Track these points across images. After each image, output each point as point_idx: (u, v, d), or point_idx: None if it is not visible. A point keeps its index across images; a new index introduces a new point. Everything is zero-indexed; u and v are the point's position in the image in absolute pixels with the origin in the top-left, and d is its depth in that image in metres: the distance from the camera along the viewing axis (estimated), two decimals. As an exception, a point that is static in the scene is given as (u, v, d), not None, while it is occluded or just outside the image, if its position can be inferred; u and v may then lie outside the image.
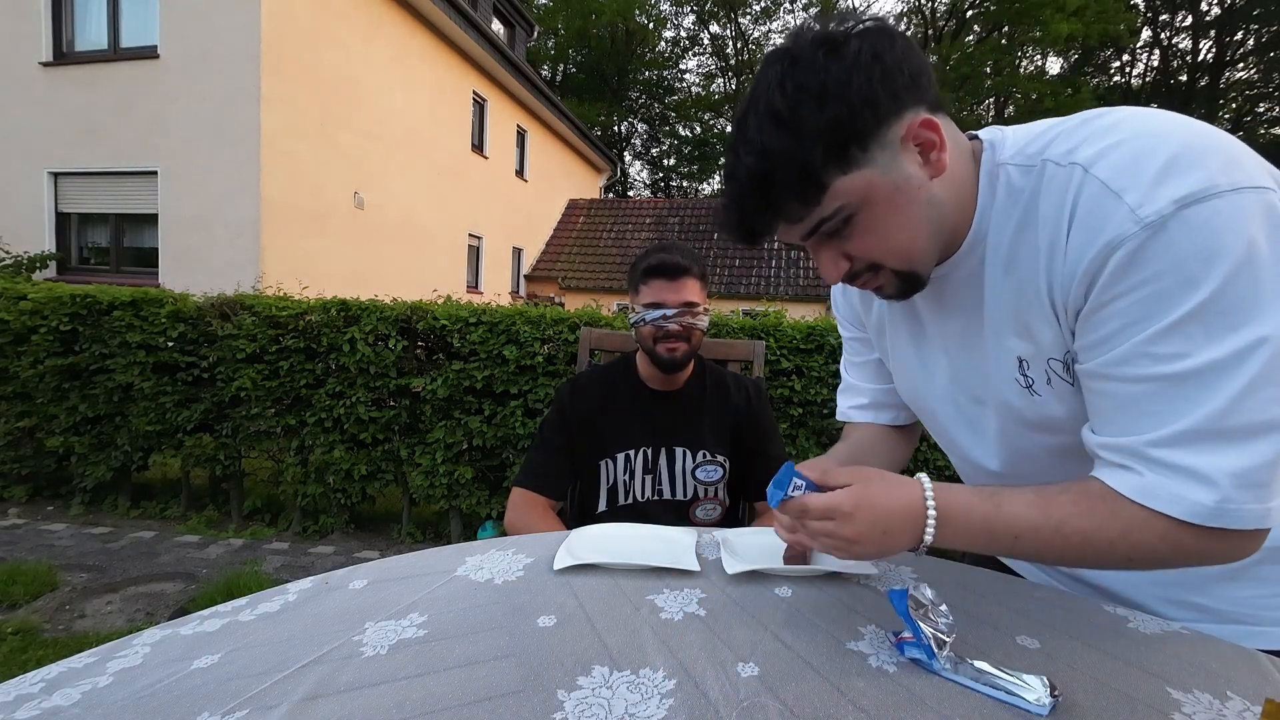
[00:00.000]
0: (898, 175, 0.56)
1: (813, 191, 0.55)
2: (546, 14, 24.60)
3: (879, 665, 0.53)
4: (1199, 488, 0.48)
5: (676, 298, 1.21)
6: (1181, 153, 0.48)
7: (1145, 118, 0.52)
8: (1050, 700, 0.47)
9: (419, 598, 0.65)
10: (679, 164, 29.64)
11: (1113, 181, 0.50)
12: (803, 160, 0.54)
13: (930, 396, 0.75)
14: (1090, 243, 0.51)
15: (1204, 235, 0.46)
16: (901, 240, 0.59)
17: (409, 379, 2.89)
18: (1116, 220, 0.49)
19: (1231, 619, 0.64)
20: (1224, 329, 0.47)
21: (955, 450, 0.78)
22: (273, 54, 6.14)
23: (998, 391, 0.65)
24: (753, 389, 1.35)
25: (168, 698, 0.48)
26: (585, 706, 0.46)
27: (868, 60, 0.52)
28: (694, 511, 1.26)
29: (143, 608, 2.26)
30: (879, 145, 0.55)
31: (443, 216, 9.49)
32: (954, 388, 0.71)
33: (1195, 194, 0.47)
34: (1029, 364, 0.61)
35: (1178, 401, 0.49)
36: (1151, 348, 0.49)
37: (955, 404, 0.72)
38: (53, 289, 3.15)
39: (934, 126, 0.56)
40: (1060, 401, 0.60)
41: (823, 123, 0.53)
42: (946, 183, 0.58)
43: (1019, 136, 0.60)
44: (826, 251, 0.61)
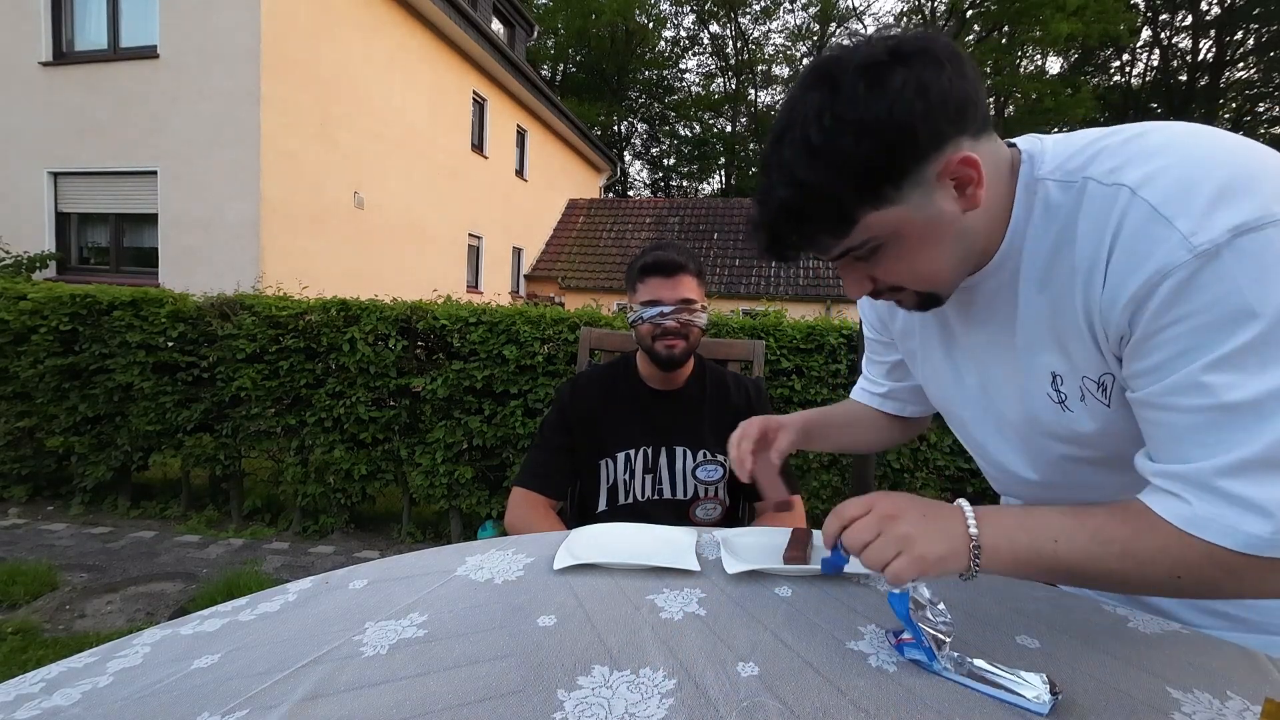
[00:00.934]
0: (931, 211, 0.55)
1: (843, 226, 0.56)
2: (546, 14, 24.59)
3: (879, 665, 0.53)
4: (1255, 519, 0.47)
5: (673, 295, 1.21)
6: (1235, 178, 0.47)
7: (1197, 139, 0.51)
8: (1050, 698, 0.47)
9: (419, 598, 0.65)
10: (679, 164, 29.65)
11: (1163, 206, 0.49)
12: (835, 196, 0.54)
13: (960, 403, 0.75)
14: (1137, 269, 0.50)
15: (1259, 265, 0.46)
16: (928, 270, 0.59)
17: (409, 379, 2.89)
18: (1168, 247, 0.48)
19: (1257, 628, 0.63)
20: (1278, 359, 0.46)
21: (986, 456, 0.77)
22: (273, 54, 6.13)
23: (1029, 405, 0.65)
24: (753, 389, 1.35)
25: (168, 698, 0.48)
26: (585, 706, 0.46)
27: (911, 95, 0.51)
28: (694, 511, 1.26)
29: (143, 608, 2.26)
30: (913, 184, 0.54)
31: (443, 216, 9.49)
32: (984, 396, 0.70)
33: (1250, 222, 0.46)
34: (1063, 380, 0.60)
35: (1232, 431, 0.48)
36: (1205, 377, 0.48)
37: (985, 411, 0.72)
38: (53, 289, 3.15)
39: (974, 164, 0.54)
40: (1093, 419, 0.60)
41: (858, 161, 0.52)
42: (980, 212, 0.57)
43: (1059, 150, 0.58)
44: (854, 272, 0.62)
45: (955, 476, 2.66)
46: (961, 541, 0.54)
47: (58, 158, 6.69)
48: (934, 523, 0.55)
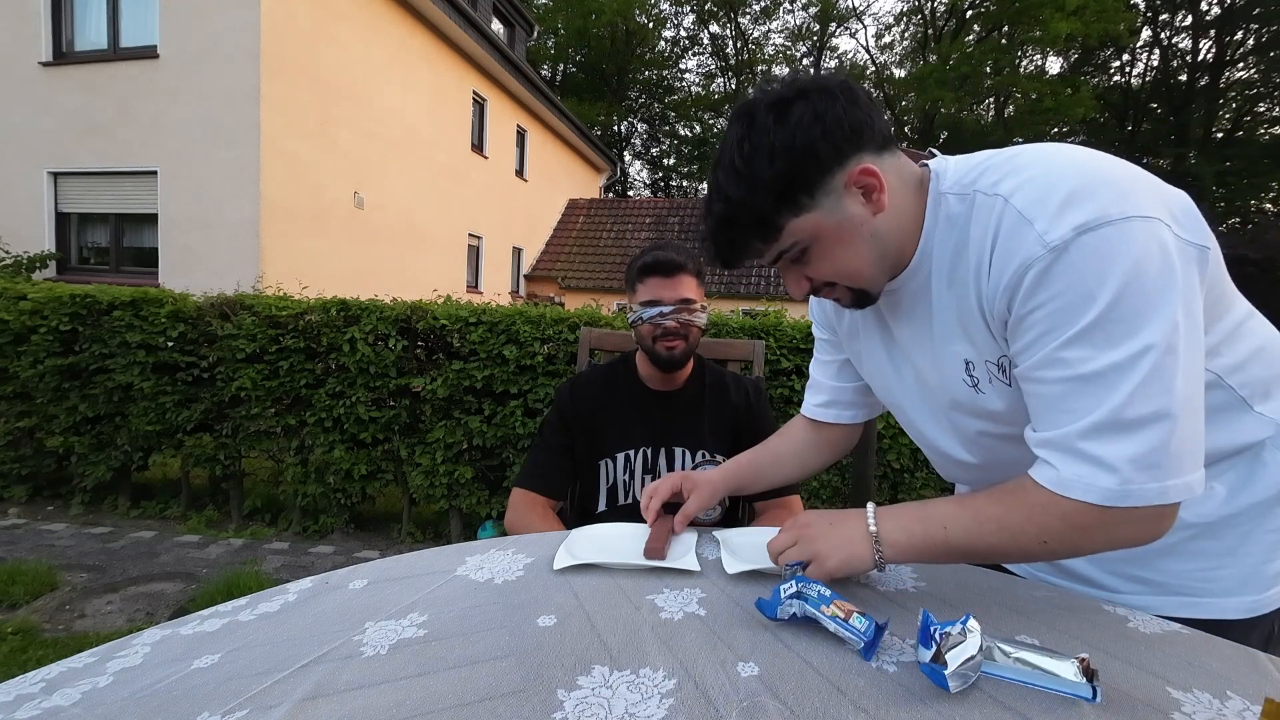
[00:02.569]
0: (842, 216, 0.65)
1: (770, 232, 0.66)
2: (546, 14, 24.59)
3: (879, 665, 0.53)
4: (1103, 474, 0.55)
5: (673, 295, 1.21)
6: (1080, 187, 0.57)
7: (1057, 155, 0.62)
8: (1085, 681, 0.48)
9: (419, 598, 0.65)
10: (679, 164, 29.64)
11: (1026, 210, 0.58)
12: (758, 208, 0.65)
13: (900, 393, 0.82)
14: (1009, 262, 0.59)
15: (1098, 257, 0.55)
16: (850, 266, 0.69)
17: (409, 379, 2.89)
18: (1029, 244, 0.57)
19: (1173, 591, 0.70)
20: (1120, 336, 0.55)
21: (925, 441, 0.84)
22: (273, 54, 6.13)
23: (950, 389, 0.73)
24: (752, 389, 1.35)
25: (168, 698, 0.48)
26: (585, 706, 0.46)
27: (808, 122, 0.62)
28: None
29: (143, 608, 2.26)
30: (824, 192, 0.64)
31: (443, 216, 9.49)
32: (918, 385, 0.79)
33: (1090, 222, 0.55)
34: (973, 365, 0.69)
35: (1085, 398, 0.56)
36: (1063, 353, 0.57)
37: (921, 399, 0.80)
38: (53, 289, 3.15)
39: (873, 173, 0.64)
40: (1000, 398, 0.68)
41: (772, 177, 0.63)
42: (889, 216, 0.67)
43: (959, 167, 0.68)
44: (791, 273, 0.72)
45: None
46: (863, 541, 0.65)
47: (58, 158, 6.69)
48: (839, 529, 0.67)
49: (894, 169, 0.67)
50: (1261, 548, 0.68)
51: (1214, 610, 0.68)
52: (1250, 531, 0.68)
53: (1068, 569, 0.77)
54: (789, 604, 0.59)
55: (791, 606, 0.59)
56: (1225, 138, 18.81)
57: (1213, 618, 0.67)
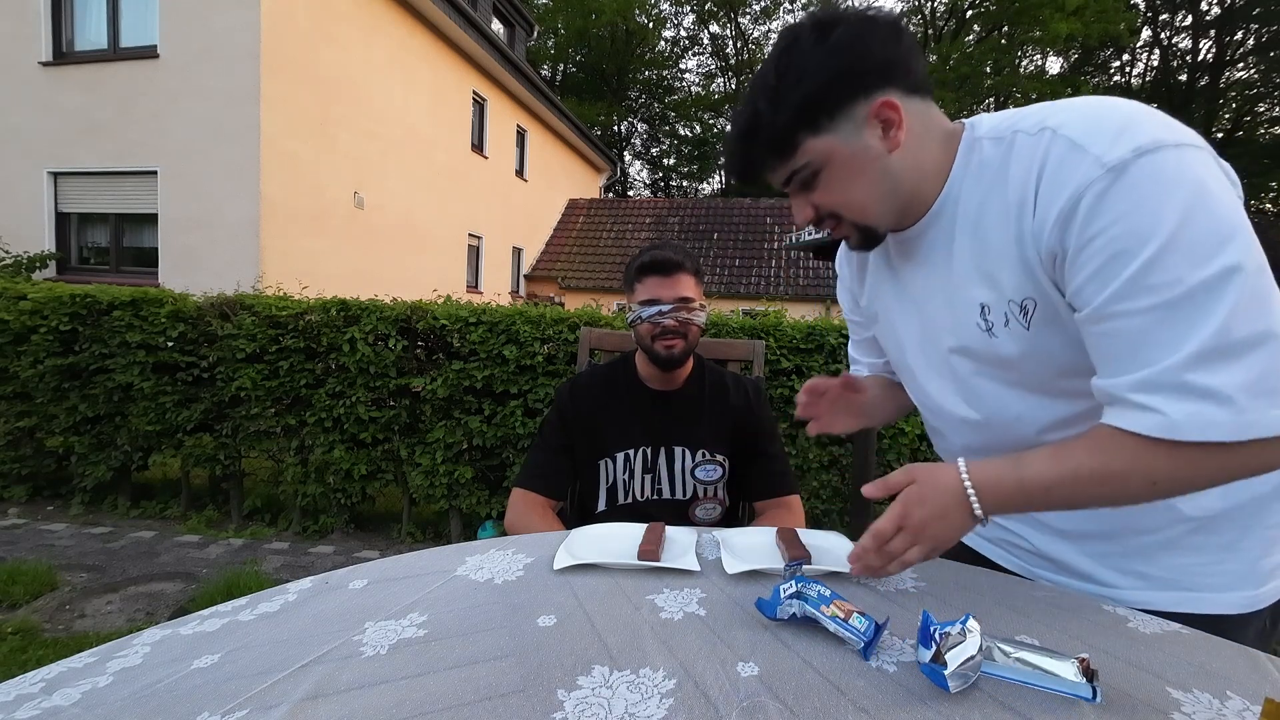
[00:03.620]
0: (857, 145, 0.67)
1: (786, 148, 0.68)
2: (546, 14, 24.59)
3: (879, 665, 0.53)
4: (1219, 408, 0.51)
5: (671, 294, 1.22)
6: (1132, 117, 0.58)
7: (1100, 98, 0.63)
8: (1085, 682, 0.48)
9: (419, 598, 0.65)
10: (679, 164, 29.64)
11: (1078, 138, 0.58)
12: (779, 121, 0.67)
13: (908, 350, 0.83)
14: (1059, 192, 0.58)
15: (1161, 177, 0.54)
16: (857, 198, 0.70)
17: (409, 379, 2.89)
18: (1083, 169, 0.56)
19: (1171, 585, 0.70)
20: (1204, 254, 0.52)
21: (930, 403, 0.83)
22: (273, 54, 6.13)
23: (960, 336, 0.72)
24: (752, 389, 1.35)
25: (168, 697, 0.48)
26: (585, 706, 0.46)
27: (844, 46, 0.64)
28: (694, 511, 1.26)
29: (143, 608, 2.26)
30: (844, 118, 0.66)
31: (443, 216, 9.49)
32: (924, 339, 0.79)
33: (1147, 145, 0.54)
34: (989, 309, 0.68)
35: (1178, 326, 0.53)
36: (1145, 279, 0.54)
37: (926, 354, 0.80)
38: (53, 289, 3.15)
39: (894, 108, 0.65)
40: (1014, 342, 0.67)
41: (798, 93, 0.65)
42: (905, 156, 0.68)
43: (996, 116, 0.69)
44: (799, 199, 0.73)
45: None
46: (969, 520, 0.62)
47: (58, 158, 6.69)
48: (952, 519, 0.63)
49: (920, 114, 0.68)
50: (1259, 543, 0.68)
51: (1211, 605, 0.68)
52: (1249, 526, 0.68)
53: (1065, 564, 0.76)
54: (789, 604, 0.59)
55: (791, 606, 0.59)
56: (1225, 138, 18.78)
57: (1209, 613, 0.67)
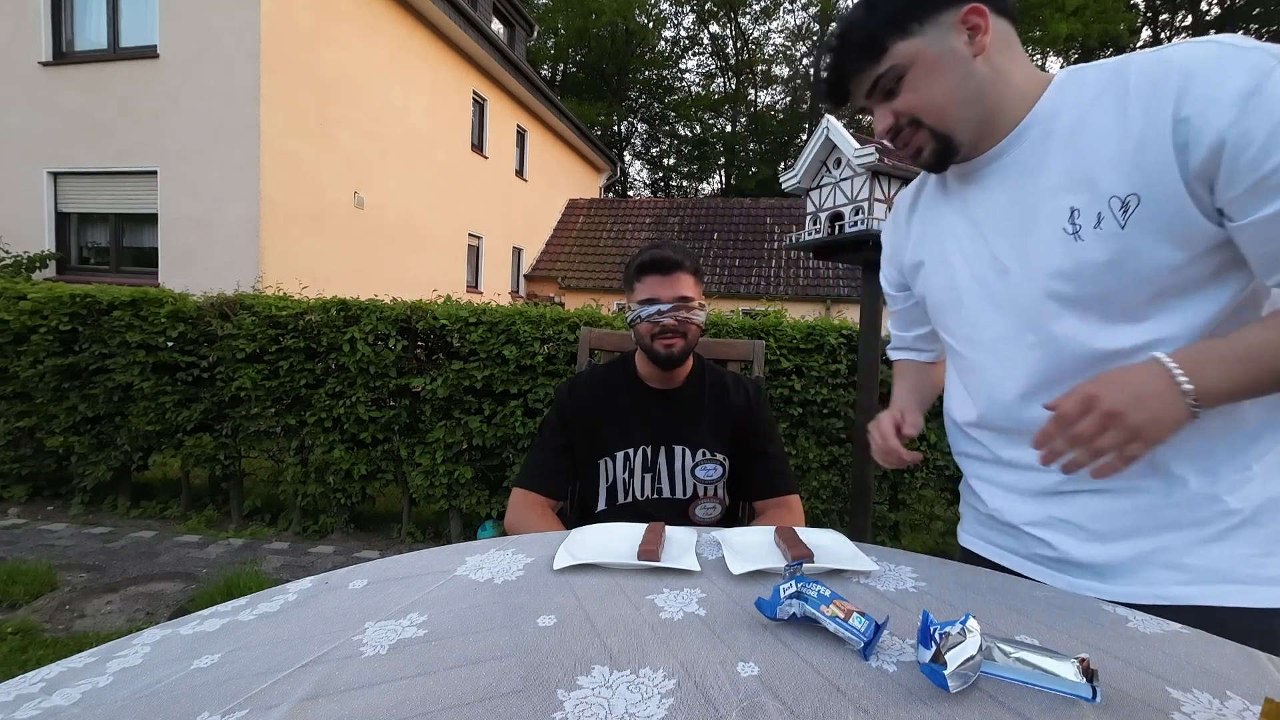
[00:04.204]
0: (943, 47, 0.71)
1: (875, 52, 0.73)
2: (546, 14, 24.59)
3: (879, 665, 0.53)
4: None
5: (671, 293, 1.22)
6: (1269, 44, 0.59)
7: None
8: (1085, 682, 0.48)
9: (419, 598, 0.65)
10: (679, 164, 29.63)
11: (1233, 42, 0.60)
12: (871, 26, 0.73)
13: (963, 282, 0.81)
14: (1219, 87, 0.58)
15: None
16: (939, 99, 0.73)
17: (409, 379, 2.89)
18: (1248, 63, 0.57)
19: (1220, 579, 0.68)
20: None
21: (981, 337, 0.80)
22: (273, 54, 6.13)
23: (1040, 249, 0.71)
24: (752, 388, 1.35)
25: (168, 697, 0.48)
26: (585, 706, 0.46)
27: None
28: (694, 510, 1.26)
29: (143, 608, 2.26)
30: (933, 23, 0.71)
31: (443, 216, 9.49)
32: (984, 266, 0.78)
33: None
34: (1079, 212, 0.67)
35: None
36: None
37: (984, 284, 0.78)
38: (52, 289, 3.15)
39: (982, 14, 0.70)
40: (1102, 244, 0.66)
41: (892, 3, 0.72)
42: (989, 65, 0.72)
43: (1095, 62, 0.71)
44: (880, 109, 0.76)
45: (955, 476, 2.66)
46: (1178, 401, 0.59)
47: (58, 158, 6.69)
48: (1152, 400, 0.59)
49: (1005, 34, 0.73)
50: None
51: (1264, 599, 0.66)
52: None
53: (1099, 566, 0.73)
54: (789, 604, 0.59)
55: (791, 606, 0.59)
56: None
57: (1263, 606, 0.66)
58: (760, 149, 27.56)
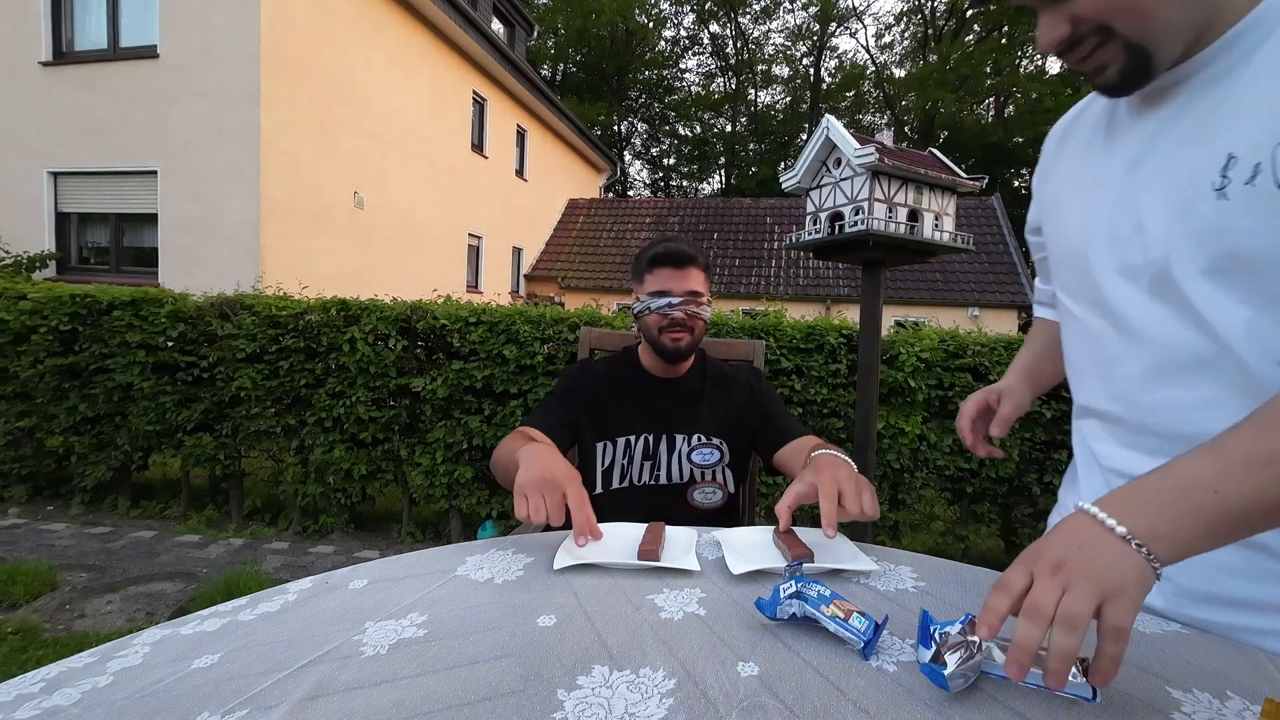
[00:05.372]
0: None
1: None
2: (546, 14, 24.60)
3: (879, 665, 0.53)
4: None
5: (682, 286, 1.22)
6: None
7: None
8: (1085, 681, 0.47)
9: (419, 598, 0.65)
10: (679, 164, 29.66)
11: None
12: None
13: (1091, 236, 0.66)
14: None
15: None
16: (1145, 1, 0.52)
17: (409, 379, 2.89)
18: None
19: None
20: None
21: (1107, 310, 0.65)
22: (272, 54, 6.14)
23: (1185, 201, 0.56)
24: (752, 375, 1.36)
25: (168, 697, 0.48)
26: (585, 706, 0.46)
27: None
28: (691, 495, 1.26)
29: (143, 608, 2.26)
30: None
31: (443, 216, 9.49)
32: (1122, 218, 0.62)
33: None
34: (1237, 160, 0.52)
35: None
36: None
37: (1115, 237, 0.63)
38: (52, 289, 3.15)
39: None
40: (1248, 206, 0.51)
41: None
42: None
43: None
44: (1051, 13, 0.55)
45: (955, 476, 2.66)
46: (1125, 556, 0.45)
47: (58, 158, 6.69)
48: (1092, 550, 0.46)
49: None
50: None
51: None
52: None
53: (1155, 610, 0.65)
54: (788, 604, 0.59)
55: (791, 606, 0.59)
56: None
57: None
58: (760, 149, 27.58)
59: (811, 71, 27.32)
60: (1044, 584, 0.45)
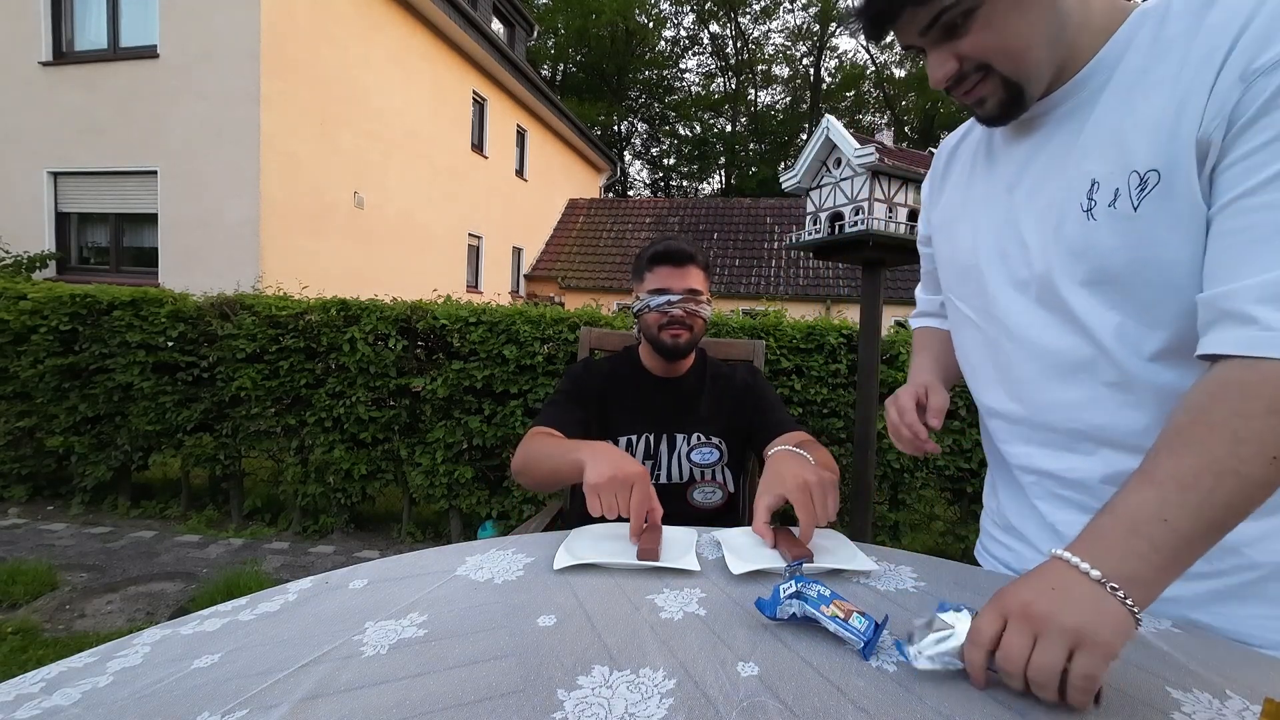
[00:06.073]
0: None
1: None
2: (546, 14, 24.61)
3: (879, 665, 0.53)
4: None
5: (682, 284, 1.23)
6: None
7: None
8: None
9: (419, 598, 0.65)
10: (679, 164, 29.67)
11: None
12: None
13: (980, 253, 0.73)
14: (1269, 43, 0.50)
15: None
16: (1019, 41, 0.59)
17: (409, 379, 2.89)
18: None
19: (1236, 638, 0.62)
20: None
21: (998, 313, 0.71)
22: (272, 54, 6.14)
23: (1057, 220, 0.63)
24: (747, 372, 1.36)
25: (168, 697, 0.48)
26: (585, 706, 0.46)
27: None
28: (692, 494, 1.26)
29: (143, 608, 2.26)
30: None
31: (443, 216, 9.49)
32: (1007, 237, 0.69)
33: None
34: (1099, 185, 0.59)
35: None
36: None
37: (1003, 254, 0.70)
38: (53, 289, 3.15)
39: None
40: (1113, 227, 0.58)
41: None
42: (1076, 13, 0.59)
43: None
44: (939, 52, 0.61)
45: (955, 476, 2.66)
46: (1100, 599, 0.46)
47: (58, 158, 6.69)
48: (1066, 592, 0.47)
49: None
50: None
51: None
52: None
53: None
54: (789, 604, 0.59)
55: (791, 606, 0.59)
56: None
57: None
58: (760, 149, 27.59)
59: (811, 71, 27.34)
60: (1015, 630, 0.46)
